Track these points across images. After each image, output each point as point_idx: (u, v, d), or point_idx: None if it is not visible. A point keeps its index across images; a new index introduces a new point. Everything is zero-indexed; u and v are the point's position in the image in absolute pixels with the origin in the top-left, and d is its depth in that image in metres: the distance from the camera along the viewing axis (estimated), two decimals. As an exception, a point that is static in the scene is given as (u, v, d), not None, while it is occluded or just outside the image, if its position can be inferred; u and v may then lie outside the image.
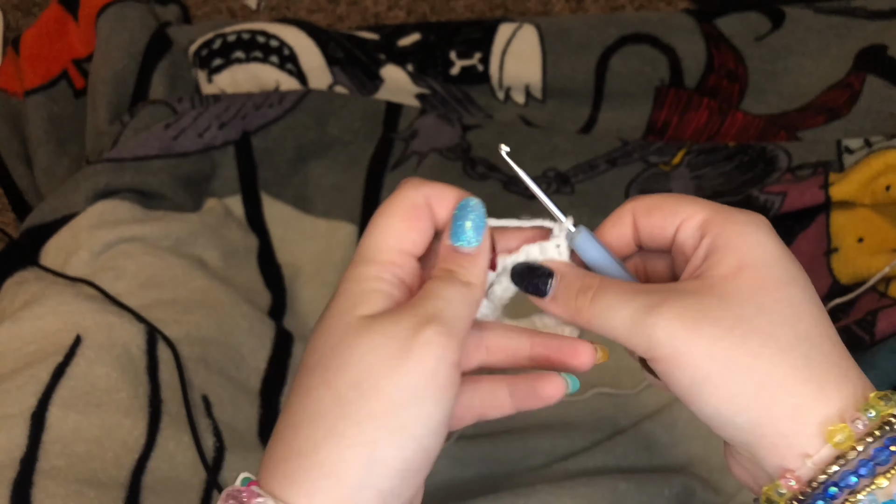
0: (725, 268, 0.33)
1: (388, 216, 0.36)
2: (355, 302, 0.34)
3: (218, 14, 1.08)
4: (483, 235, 0.36)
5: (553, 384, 0.37)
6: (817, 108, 0.85)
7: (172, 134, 0.80)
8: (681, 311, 0.32)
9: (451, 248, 0.36)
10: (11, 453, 0.54)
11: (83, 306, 0.64)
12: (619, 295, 0.34)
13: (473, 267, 0.36)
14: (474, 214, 0.36)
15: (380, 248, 0.36)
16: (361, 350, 0.32)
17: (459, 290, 0.35)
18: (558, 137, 0.85)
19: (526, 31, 0.90)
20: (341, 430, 0.31)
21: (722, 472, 0.64)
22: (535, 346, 0.37)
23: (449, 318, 0.33)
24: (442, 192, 0.37)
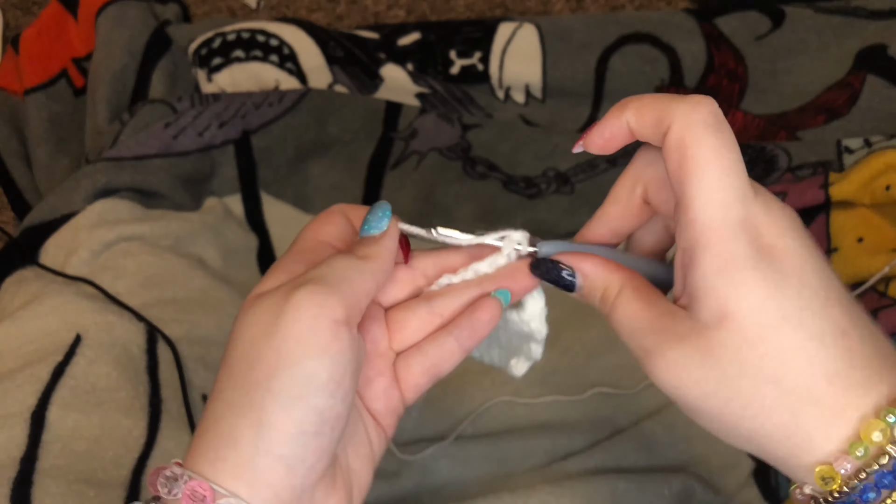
0: (708, 314, 0.32)
1: (306, 225, 0.39)
2: (258, 284, 0.36)
3: (218, 13, 1.08)
4: (386, 224, 0.38)
5: (488, 307, 0.39)
6: (817, 107, 0.85)
7: (172, 133, 0.80)
8: (673, 365, 0.32)
9: (357, 239, 0.38)
10: (11, 452, 0.54)
11: (83, 305, 0.64)
12: (630, 320, 0.35)
13: (372, 244, 0.37)
14: (379, 209, 0.38)
15: (296, 242, 0.38)
16: (246, 324, 0.34)
17: (348, 259, 0.36)
18: (558, 137, 0.85)
19: (526, 30, 0.90)
20: (233, 401, 0.33)
21: (721, 471, 0.64)
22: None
23: (328, 279, 0.34)
24: (357, 207, 0.40)
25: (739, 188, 0.32)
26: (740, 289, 0.31)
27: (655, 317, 0.34)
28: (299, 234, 0.39)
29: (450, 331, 0.39)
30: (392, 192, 0.82)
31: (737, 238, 0.31)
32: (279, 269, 0.36)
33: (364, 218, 0.38)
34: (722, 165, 0.32)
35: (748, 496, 0.63)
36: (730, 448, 0.63)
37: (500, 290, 0.39)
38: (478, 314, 0.38)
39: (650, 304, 0.35)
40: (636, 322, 0.34)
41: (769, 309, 0.31)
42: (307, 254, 0.37)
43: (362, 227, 0.38)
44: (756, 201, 0.32)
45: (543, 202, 0.80)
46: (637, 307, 0.35)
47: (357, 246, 0.37)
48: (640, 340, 0.34)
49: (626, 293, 0.35)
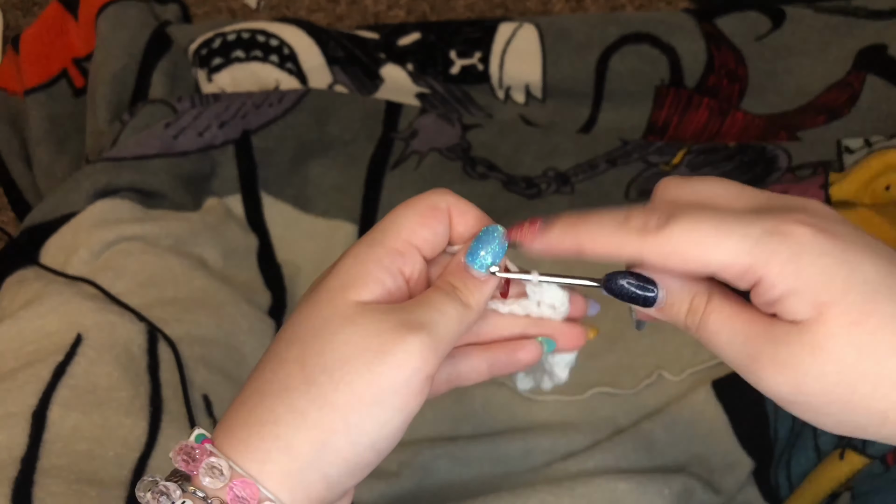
0: (803, 313, 0.31)
1: (405, 208, 0.36)
2: (349, 282, 0.34)
3: (218, 13, 1.08)
4: (497, 264, 0.36)
5: (530, 350, 0.38)
6: (817, 108, 0.85)
7: (172, 133, 0.80)
8: (780, 370, 0.31)
9: (463, 265, 0.36)
10: (12, 452, 0.54)
11: (84, 305, 0.64)
12: (725, 329, 0.33)
13: (478, 292, 0.36)
14: (496, 244, 0.36)
15: (388, 234, 0.35)
16: (342, 337, 0.32)
17: (457, 308, 0.34)
18: (558, 137, 0.85)
19: (526, 30, 0.90)
20: (303, 410, 0.32)
21: (721, 471, 0.64)
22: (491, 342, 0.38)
23: (438, 332, 0.33)
24: (465, 207, 0.37)
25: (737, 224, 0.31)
26: (822, 276, 0.30)
27: (751, 322, 0.32)
28: (393, 222, 0.36)
29: (485, 356, 0.38)
30: (392, 192, 0.82)
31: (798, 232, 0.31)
32: (370, 273, 0.34)
33: (477, 237, 0.36)
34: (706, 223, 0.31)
35: (748, 496, 0.63)
36: (729, 447, 0.64)
37: (546, 339, 0.38)
38: (519, 355, 0.38)
39: (744, 308, 0.33)
40: (734, 329, 0.33)
41: (857, 285, 0.30)
42: (399, 260, 0.35)
43: (473, 252, 0.36)
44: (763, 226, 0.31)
45: (543, 202, 0.80)
46: (732, 313, 0.33)
47: (460, 283, 0.35)
48: (743, 348, 0.32)
49: (716, 301, 0.34)
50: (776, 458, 0.63)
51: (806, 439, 0.62)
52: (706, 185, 0.34)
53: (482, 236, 0.36)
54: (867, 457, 0.56)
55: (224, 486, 0.31)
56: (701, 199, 0.34)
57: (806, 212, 0.32)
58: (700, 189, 0.34)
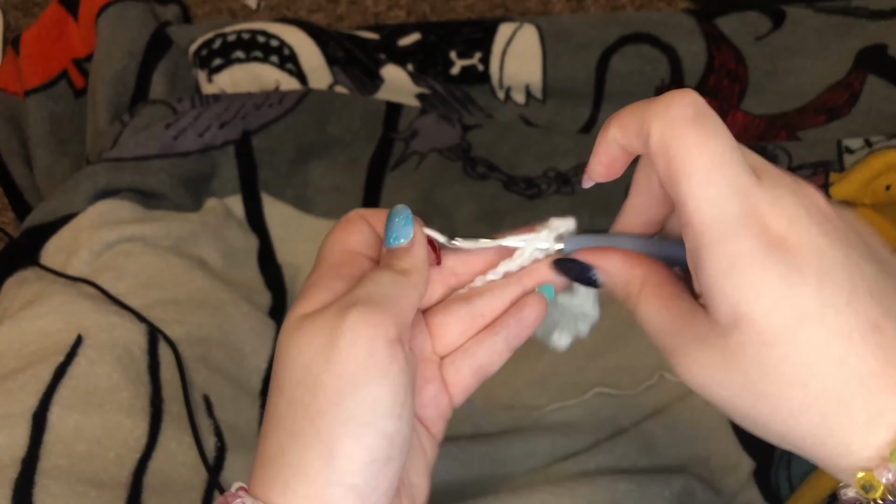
0: (722, 317, 0.30)
1: (329, 233, 0.38)
2: (297, 303, 0.34)
3: (218, 14, 1.08)
4: (412, 231, 0.36)
5: (534, 304, 0.38)
6: (817, 108, 0.85)
7: (173, 134, 0.80)
8: (696, 365, 0.32)
9: (385, 251, 0.37)
10: (13, 453, 0.54)
11: (84, 306, 0.64)
12: (652, 318, 0.34)
13: (407, 256, 0.36)
14: (399, 216, 0.37)
15: (325, 254, 0.37)
16: (297, 348, 0.32)
17: (391, 274, 0.35)
18: (559, 137, 0.85)
19: (526, 30, 0.90)
20: (298, 430, 0.32)
21: (722, 472, 0.64)
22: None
23: (377, 298, 0.33)
24: (376, 211, 0.38)
25: (734, 179, 0.29)
26: (750, 291, 0.29)
27: (676, 315, 0.33)
28: (324, 246, 0.37)
29: (497, 331, 0.38)
30: (392, 192, 0.82)
31: (738, 235, 0.29)
32: (317, 286, 0.35)
33: (385, 225, 0.37)
34: (709, 158, 0.30)
35: (748, 496, 0.63)
36: (730, 448, 0.64)
37: (543, 287, 0.38)
38: (525, 312, 0.37)
39: (671, 301, 0.33)
40: (658, 320, 0.33)
41: (785, 308, 0.29)
42: (342, 267, 0.36)
43: (386, 236, 0.37)
44: (761, 189, 0.30)
45: (544, 203, 0.80)
46: (658, 305, 0.34)
47: (390, 259, 0.36)
48: (663, 340, 0.33)
49: (646, 290, 0.34)
50: (776, 458, 0.63)
51: (806, 439, 0.62)
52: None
53: (387, 219, 0.37)
54: (867, 457, 0.56)
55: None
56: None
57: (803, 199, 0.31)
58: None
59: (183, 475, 0.58)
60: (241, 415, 0.65)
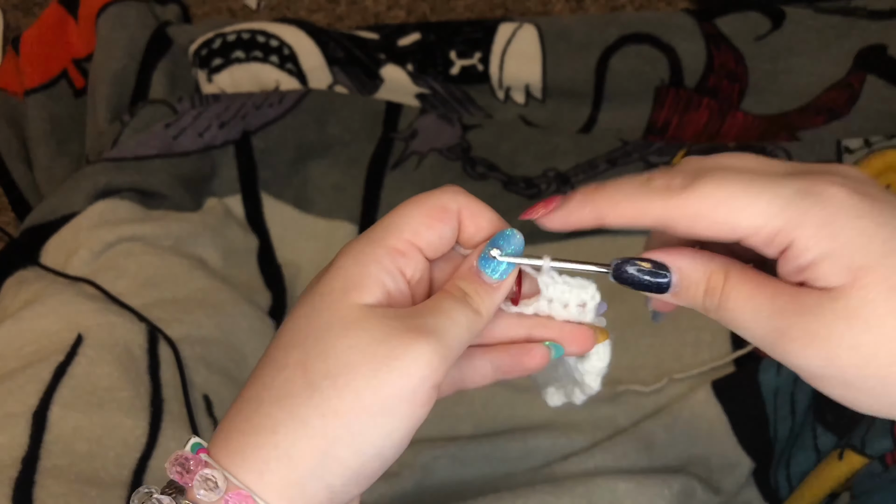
0: (837, 278, 0.29)
1: (411, 206, 0.34)
2: (350, 284, 0.32)
3: (218, 14, 1.08)
4: (511, 271, 0.34)
5: (536, 356, 0.36)
6: (817, 108, 0.86)
7: (172, 133, 0.80)
8: (811, 342, 0.29)
9: (475, 270, 0.34)
10: (13, 452, 0.54)
11: (84, 306, 0.64)
12: (748, 304, 0.31)
13: (489, 298, 0.34)
14: (513, 249, 0.34)
15: (390, 233, 0.34)
16: (347, 342, 0.31)
17: (468, 315, 0.33)
18: (558, 137, 0.85)
19: (526, 30, 0.90)
20: (304, 417, 0.30)
21: (721, 471, 0.64)
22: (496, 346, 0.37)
23: (447, 339, 0.31)
24: (478, 208, 0.35)
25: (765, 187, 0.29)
26: (859, 238, 0.28)
27: (776, 294, 0.30)
28: (399, 219, 0.34)
29: (490, 358, 0.36)
30: (392, 192, 0.82)
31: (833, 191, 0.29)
32: (371, 275, 0.32)
33: (490, 244, 0.34)
34: (735, 183, 0.30)
35: (748, 496, 0.63)
36: (729, 448, 0.64)
37: (553, 343, 0.36)
38: (525, 359, 0.36)
39: (766, 281, 0.31)
40: (757, 304, 0.31)
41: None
42: (401, 261, 0.33)
43: (485, 258, 0.34)
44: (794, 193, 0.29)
45: (543, 202, 0.80)
46: (752, 289, 0.31)
47: (471, 286, 0.34)
48: (769, 322, 0.30)
49: (734, 277, 0.32)
50: (776, 458, 0.63)
51: (805, 439, 0.62)
52: (732, 155, 0.32)
53: (498, 237, 0.34)
54: (866, 457, 0.56)
55: (219, 499, 0.30)
56: (727, 165, 0.32)
57: (839, 174, 0.30)
58: (725, 158, 0.32)
59: (183, 475, 0.58)
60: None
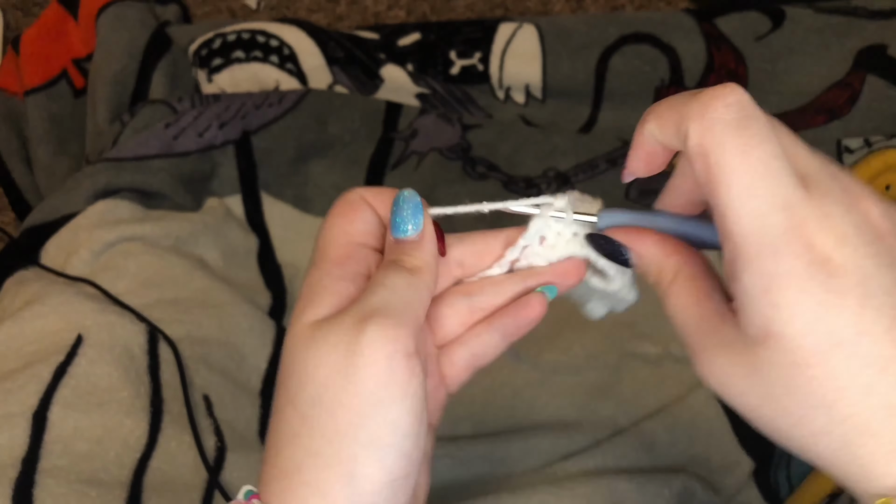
0: (753, 330, 0.29)
1: (328, 218, 0.36)
2: (304, 306, 0.33)
3: (218, 14, 1.08)
4: (422, 221, 0.35)
5: (534, 304, 0.37)
6: (817, 107, 0.86)
7: (172, 133, 0.80)
8: (719, 370, 0.30)
9: (393, 241, 0.35)
10: (13, 452, 0.54)
11: (84, 306, 0.64)
12: (677, 313, 0.33)
13: (418, 251, 0.34)
14: (408, 203, 0.35)
15: (327, 246, 0.35)
16: (312, 362, 0.31)
17: (404, 276, 0.33)
18: (558, 137, 0.85)
19: (526, 30, 0.90)
20: (316, 450, 0.31)
21: (721, 471, 0.64)
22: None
23: (394, 307, 0.32)
24: (378, 191, 0.36)
25: (778, 192, 0.28)
26: (785, 311, 0.28)
27: (704, 316, 0.31)
28: (324, 234, 0.35)
29: (494, 326, 0.37)
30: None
31: (779, 252, 0.28)
32: (323, 287, 0.33)
33: (392, 210, 0.35)
34: (752, 169, 0.28)
35: (748, 496, 0.63)
36: (730, 448, 0.64)
37: (546, 287, 0.37)
38: (524, 312, 0.36)
39: (703, 299, 0.32)
40: (684, 317, 0.32)
41: (818, 333, 0.27)
42: (347, 263, 0.34)
43: (393, 225, 0.35)
44: (808, 203, 0.28)
45: (543, 202, 0.80)
46: (688, 301, 0.32)
47: (399, 253, 0.34)
48: (688, 337, 0.32)
49: (679, 282, 0.33)
50: (776, 458, 0.63)
51: (806, 439, 0.62)
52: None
53: (394, 207, 0.35)
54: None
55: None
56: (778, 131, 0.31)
57: (868, 198, 0.30)
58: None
59: (183, 475, 0.58)
60: (241, 414, 0.65)
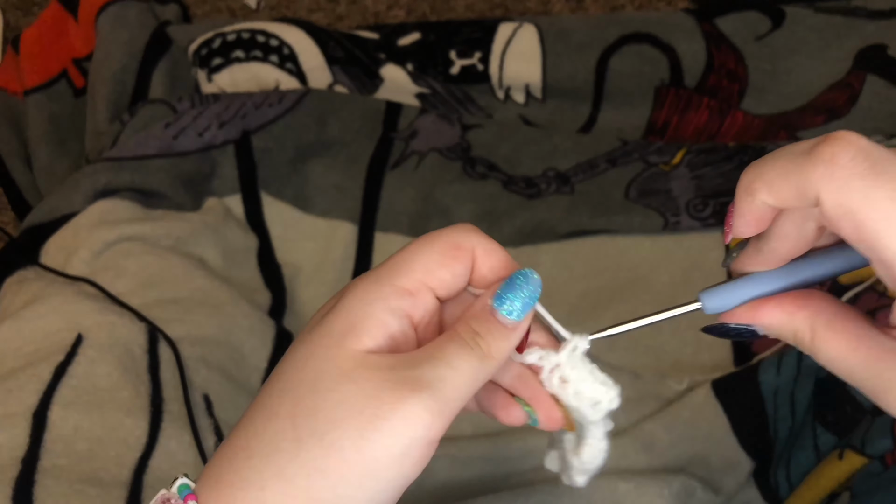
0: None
1: (424, 243, 0.33)
2: (350, 327, 0.31)
3: (218, 13, 1.08)
4: (530, 312, 0.32)
5: (514, 415, 0.35)
6: (817, 107, 0.85)
7: (172, 133, 0.80)
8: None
9: (490, 309, 0.32)
10: (13, 452, 0.54)
11: (84, 305, 0.64)
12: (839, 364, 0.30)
13: (504, 341, 0.32)
14: (530, 286, 0.32)
15: (401, 271, 0.32)
16: (337, 396, 0.29)
17: (474, 361, 0.31)
18: (558, 137, 0.85)
19: (526, 30, 0.90)
20: (290, 476, 0.29)
21: (721, 471, 0.64)
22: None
23: (445, 391, 0.29)
24: (491, 247, 0.33)
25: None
26: None
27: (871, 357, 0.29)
28: (410, 256, 0.32)
29: (477, 395, 0.35)
30: (392, 192, 0.82)
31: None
32: (371, 316, 0.31)
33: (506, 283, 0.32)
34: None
35: (748, 496, 0.63)
36: (729, 448, 0.64)
37: (533, 413, 0.34)
38: (501, 414, 0.35)
39: (857, 342, 0.30)
40: (847, 366, 0.30)
41: None
42: (409, 299, 0.32)
43: (501, 298, 0.32)
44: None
45: (543, 202, 0.80)
46: (842, 351, 0.30)
47: (482, 329, 0.31)
48: (864, 382, 0.29)
49: (820, 335, 0.31)
50: (776, 458, 0.63)
51: (805, 439, 0.62)
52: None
53: (516, 279, 0.32)
54: (866, 456, 0.56)
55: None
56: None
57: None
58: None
59: (183, 474, 0.58)
60: (241, 414, 0.65)
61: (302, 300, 0.79)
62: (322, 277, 0.80)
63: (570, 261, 0.77)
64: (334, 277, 0.80)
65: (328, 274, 0.80)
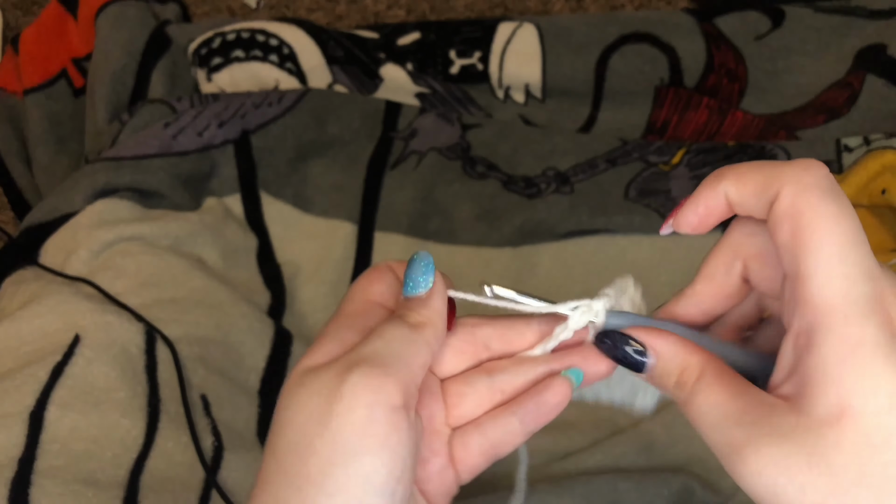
0: (824, 409, 0.27)
1: (354, 282, 0.36)
2: (307, 354, 0.33)
3: (217, 13, 1.08)
4: (431, 280, 0.34)
5: (558, 389, 0.35)
6: (817, 107, 0.85)
7: (172, 133, 0.80)
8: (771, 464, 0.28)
9: (402, 298, 0.35)
10: (9, 453, 0.54)
11: (82, 305, 0.64)
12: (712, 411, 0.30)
13: (423, 308, 0.34)
14: (420, 262, 0.35)
15: (345, 303, 0.35)
16: (294, 407, 0.31)
17: (403, 330, 0.32)
18: (558, 137, 0.85)
19: (526, 30, 0.90)
20: (284, 498, 0.30)
21: (721, 472, 0.64)
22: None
23: (384, 358, 0.31)
24: (403, 263, 0.36)
25: (865, 262, 0.27)
26: (868, 381, 0.26)
27: (748, 408, 0.29)
28: (347, 295, 0.35)
29: (513, 410, 0.35)
30: (392, 192, 0.82)
31: (865, 320, 0.27)
32: (329, 336, 0.33)
33: (405, 270, 0.35)
34: (844, 235, 0.27)
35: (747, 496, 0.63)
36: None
37: (571, 370, 0.35)
38: (545, 396, 0.35)
39: (738, 392, 0.30)
40: (719, 414, 0.30)
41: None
42: (358, 318, 0.34)
43: (404, 283, 0.35)
44: (885, 277, 0.28)
45: (543, 202, 0.80)
46: (723, 395, 0.30)
47: (404, 310, 0.34)
48: (727, 433, 0.30)
49: (707, 378, 0.31)
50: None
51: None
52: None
53: (408, 264, 0.35)
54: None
55: None
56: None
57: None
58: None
59: (180, 475, 0.58)
60: (239, 414, 0.65)
61: (301, 300, 0.79)
62: (322, 277, 0.80)
63: (569, 260, 0.77)
64: (334, 277, 0.80)
65: (328, 274, 0.80)
